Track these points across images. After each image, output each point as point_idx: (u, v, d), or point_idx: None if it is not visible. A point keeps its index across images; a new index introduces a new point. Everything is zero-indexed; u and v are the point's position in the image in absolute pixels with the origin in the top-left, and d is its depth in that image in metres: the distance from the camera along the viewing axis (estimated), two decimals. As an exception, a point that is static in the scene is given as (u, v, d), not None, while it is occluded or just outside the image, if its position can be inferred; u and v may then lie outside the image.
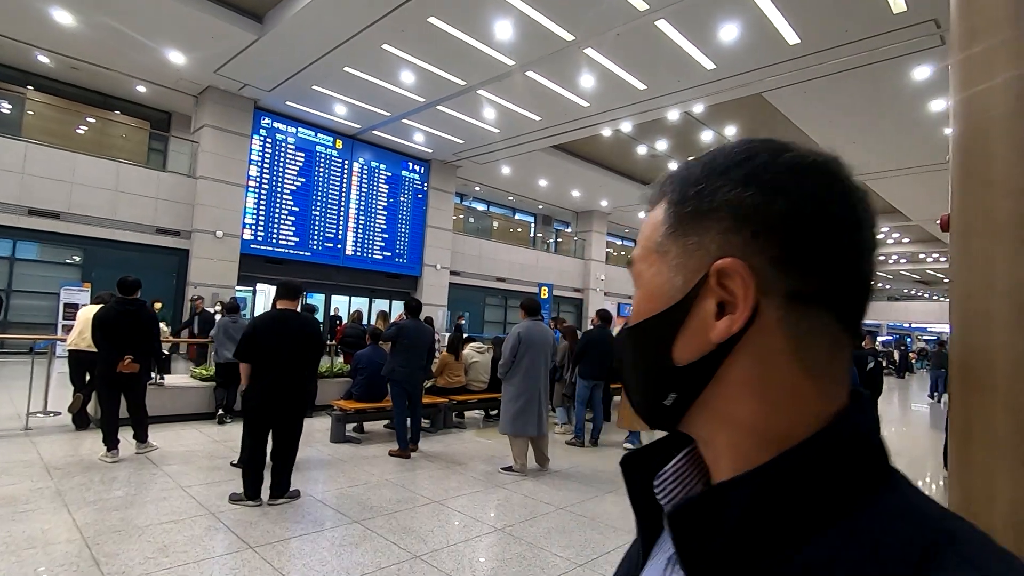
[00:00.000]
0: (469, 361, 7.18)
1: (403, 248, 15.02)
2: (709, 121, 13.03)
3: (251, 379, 3.87)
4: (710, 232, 0.39)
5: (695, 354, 0.39)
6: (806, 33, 8.17)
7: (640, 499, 0.47)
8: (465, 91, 10.88)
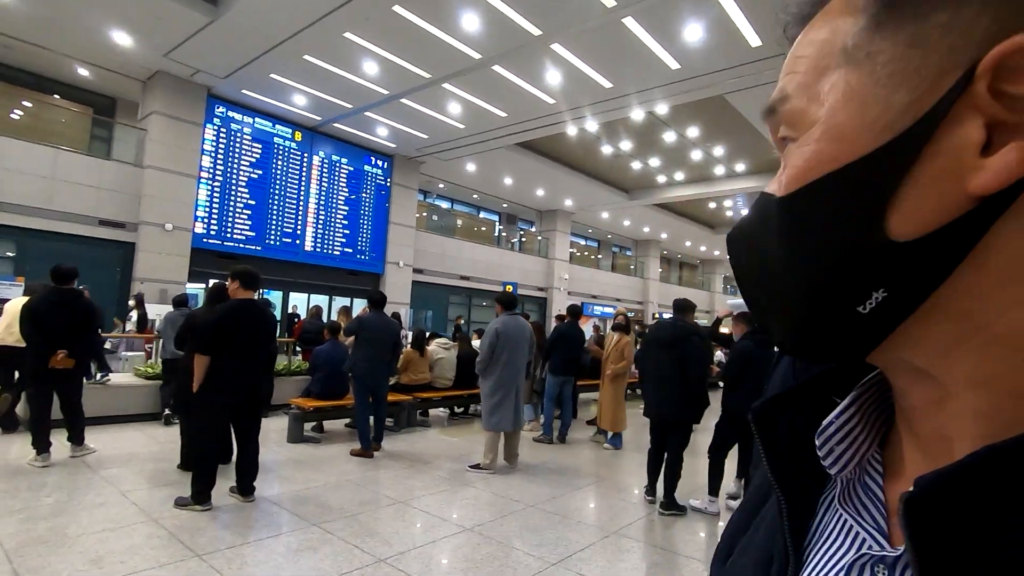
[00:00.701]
0: (434, 358, 7.00)
1: (365, 245, 14.64)
2: (672, 122, 13.21)
3: (211, 373, 3.59)
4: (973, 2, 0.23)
5: (934, 219, 0.24)
6: (768, 36, 8.33)
7: (783, 465, 0.34)
8: (430, 84, 10.66)
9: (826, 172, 0.27)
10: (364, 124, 13.04)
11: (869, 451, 0.33)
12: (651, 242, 25.72)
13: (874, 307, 0.26)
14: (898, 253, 0.25)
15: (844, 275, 0.27)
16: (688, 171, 16.70)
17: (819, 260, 0.27)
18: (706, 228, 23.69)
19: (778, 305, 0.30)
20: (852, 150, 0.26)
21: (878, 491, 0.31)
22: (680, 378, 4.08)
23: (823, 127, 0.27)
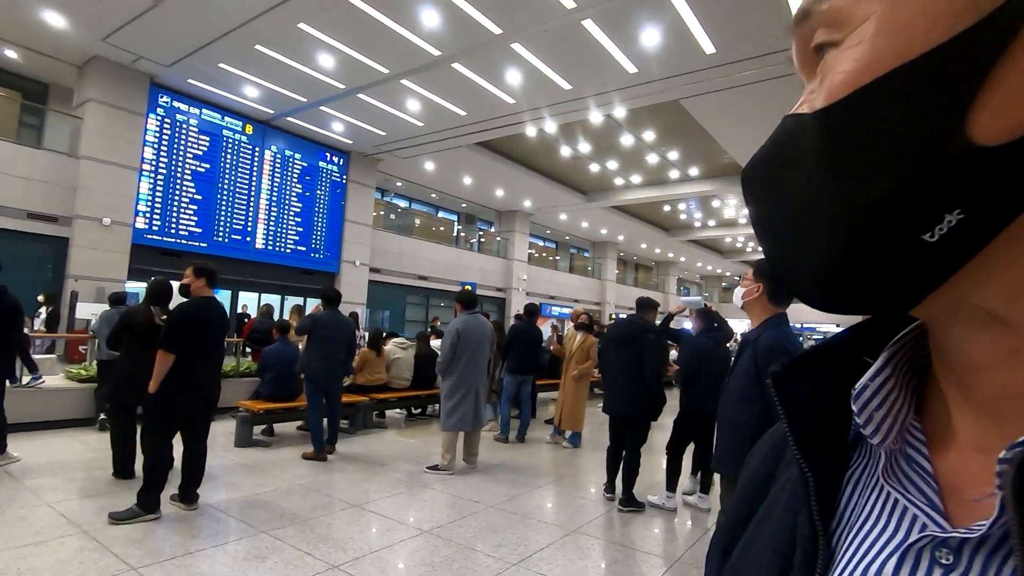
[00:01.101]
0: (391, 358, 6.85)
1: (319, 243, 14.24)
2: (629, 125, 13.43)
3: (174, 373, 3.37)
4: None
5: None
6: (721, 44, 8.56)
7: (809, 436, 0.30)
8: (388, 80, 10.46)
9: (887, 71, 0.22)
10: (319, 119, 12.69)
11: (908, 418, 0.29)
12: (608, 244, 26.09)
13: (945, 233, 0.21)
14: (983, 161, 0.20)
15: (911, 194, 0.22)
16: (644, 174, 17.03)
17: (877, 178, 0.22)
18: (661, 230, 24.21)
19: (815, 244, 0.25)
20: (922, 41, 0.21)
21: (924, 463, 0.27)
22: (637, 375, 4.11)
23: (879, 20, 0.23)
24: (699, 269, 35.19)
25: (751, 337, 2.27)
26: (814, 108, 0.25)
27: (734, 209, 20.96)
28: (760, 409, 2.14)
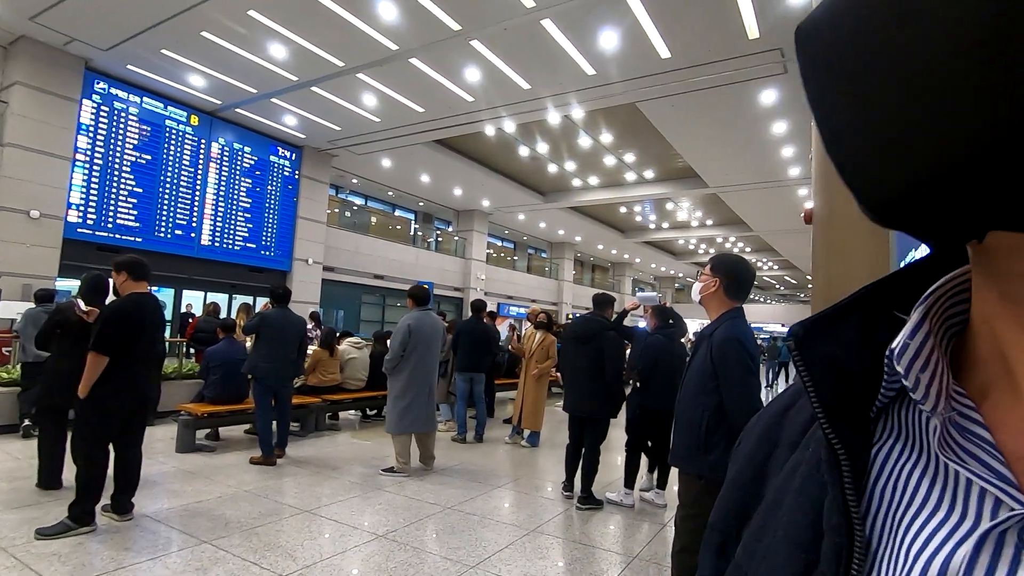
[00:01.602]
0: (346, 357, 6.66)
1: (270, 240, 13.75)
2: (587, 127, 13.56)
3: (107, 374, 3.13)
4: None
5: None
6: (676, 49, 8.74)
7: (836, 406, 0.26)
8: (343, 73, 10.19)
9: None
10: (270, 111, 12.25)
11: (949, 382, 0.25)
12: (565, 244, 26.33)
13: None
14: None
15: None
16: (601, 176, 17.25)
17: None
18: (617, 232, 24.60)
19: (933, 136, 0.19)
20: None
21: (983, 432, 0.23)
22: (597, 373, 4.12)
23: None
24: (653, 270, 35.99)
25: (707, 332, 2.29)
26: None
27: (687, 212, 21.52)
28: (716, 403, 2.15)
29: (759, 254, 29.13)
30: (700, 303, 2.39)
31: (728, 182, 15.39)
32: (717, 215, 21.12)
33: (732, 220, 20.66)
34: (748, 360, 2.13)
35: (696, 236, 24.65)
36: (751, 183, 15.20)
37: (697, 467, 2.15)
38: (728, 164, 13.93)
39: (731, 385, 2.11)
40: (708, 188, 16.05)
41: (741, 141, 12.36)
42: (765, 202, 17.14)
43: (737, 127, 11.61)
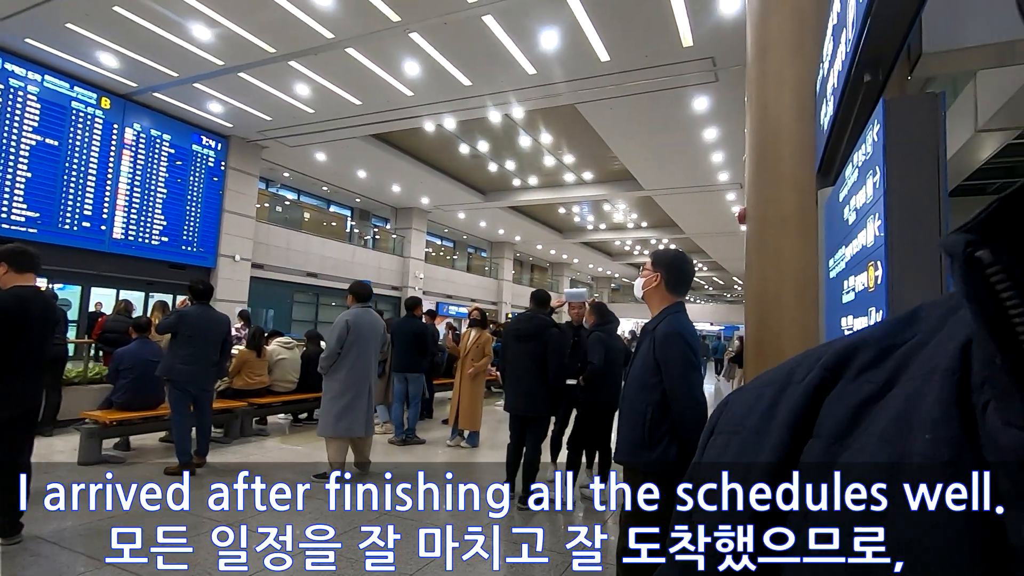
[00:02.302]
0: (275, 358, 6.31)
1: (192, 235, 12.89)
2: (527, 126, 13.61)
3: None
4: None
5: None
6: (615, 52, 8.91)
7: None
8: (275, 60, 9.69)
9: None
10: (193, 97, 11.48)
11: None
12: (505, 244, 26.40)
13: None
14: None
15: None
16: (541, 176, 17.39)
17: None
18: (556, 232, 24.92)
19: None
20: None
21: None
22: (539, 371, 4.09)
23: None
24: (591, 270, 36.76)
25: (650, 327, 2.29)
26: None
27: (623, 214, 22.10)
28: (659, 398, 2.15)
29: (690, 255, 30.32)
30: (643, 299, 2.39)
31: (662, 185, 15.90)
32: (651, 217, 21.81)
33: (665, 222, 21.39)
34: (690, 354, 2.15)
35: (631, 237, 25.36)
36: (683, 187, 15.78)
37: (642, 462, 2.14)
38: (662, 167, 14.39)
39: (673, 378, 2.11)
40: (643, 191, 16.52)
41: (675, 145, 12.79)
42: (696, 205, 17.87)
43: (671, 132, 12.00)
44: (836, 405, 0.29)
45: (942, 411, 0.23)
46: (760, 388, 0.35)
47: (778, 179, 3.23)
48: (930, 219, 1.39)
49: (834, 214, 2.45)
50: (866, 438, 0.26)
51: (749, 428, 0.33)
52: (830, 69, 2.50)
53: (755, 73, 3.71)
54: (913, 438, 0.24)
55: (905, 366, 0.27)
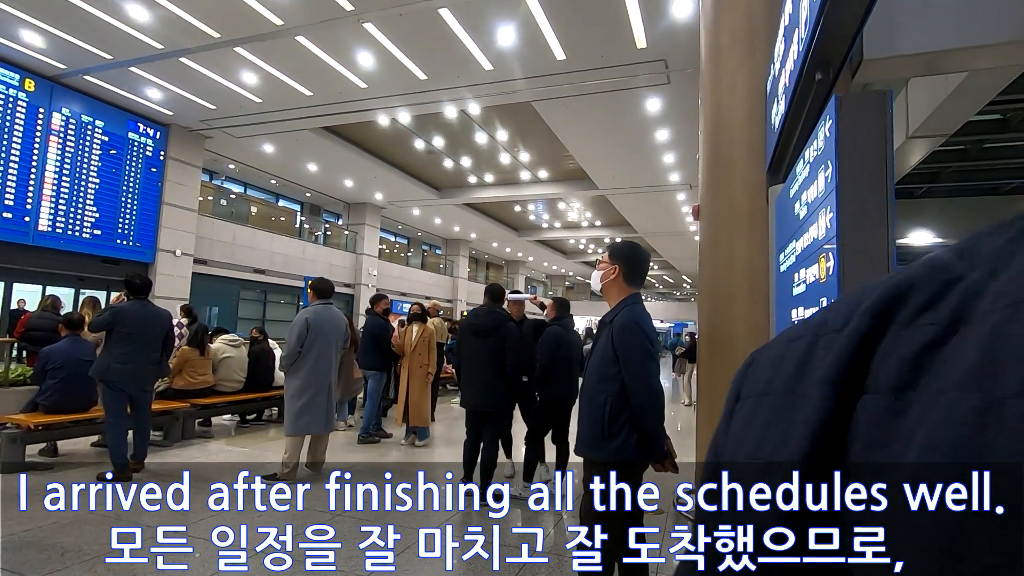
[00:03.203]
0: (220, 357, 6.03)
1: (128, 228, 12.16)
2: (483, 123, 13.55)
3: None
4: None
5: None
6: (571, 51, 8.98)
7: None
8: (219, 46, 9.26)
9: None
10: (129, 82, 10.82)
11: None
12: (461, 241, 26.25)
13: None
14: None
15: None
16: (497, 173, 17.36)
17: None
18: (511, 230, 24.96)
19: None
20: None
21: None
22: (498, 366, 4.06)
23: None
24: (545, 269, 37.06)
25: (607, 319, 2.31)
26: None
27: (577, 212, 22.36)
28: (618, 389, 2.17)
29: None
30: (600, 292, 2.40)
31: (615, 185, 16.17)
32: (605, 216, 22.16)
33: (619, 221, 21.78)
34: (647, 344, 2.17)
35: (586, 236, 25.71)
36: (636, 187, 16.10)
37: (602, 454, 2.15)
38: (616, 167, 14.63)
39: (631, 367, 2.13)
40: (597, 190, 16.75)
41: (628, 146, 13.03)
42: (648, 205, 18.28)
43: (625, 132, 12.21)
44: (891, 355, 0.26)
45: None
46: (786, 344, 0.32)
47: (731, 177, 3.32)
48: (879, 209, 1.45)
49: (785, 210, 2.53)
50: (939, 386, 0.23)
51: (778, 390, 0.30)
52: (781, 69, 2.59)
53: (708, 74, 3.80)
54: (1008, 377, 0.21)
55: (973, 301, 0.24)
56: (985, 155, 9.71)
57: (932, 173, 10.73)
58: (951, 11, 2.45)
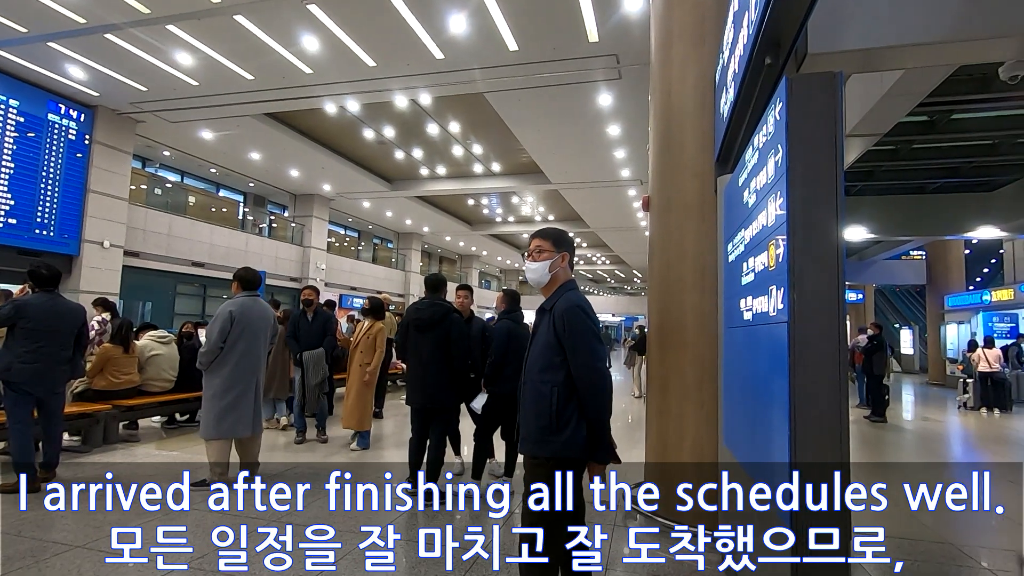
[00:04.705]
0: (147, 354, 5.62)
1: (49, 217, 11.26)
2: (435, 114, 13.29)
3: None
4: None
5: None
6: (523, 43, 8.88)
7: None
8: (149, 22, 8.64)
9: None
10: (47, 58, 9.98)
11: None
12: (413, 235, 25.81)
13: None
14: None
15: None
16: (449, 166, 17.11)
17: None
18: (464, 224, 24.73)
19: None
20: None
21: None
22: (444, 360, 3.92)
23: None
24: (499, 263, 37.01)
25: (547, 306, 2.19)
26: None
27: (531, 207, 22.37)
28: (563, 378, 2.05)
29: (594, 249, 31.44)
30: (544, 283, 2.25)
31: (568, 179, 16.23)
32: (558, 211, 22.26)
33: (571, 216, 21.91)
34: (592, 325, 2.09)
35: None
36: (588, 181, 16.21)
37: (550, 449, 2.05)
38: (568, 161, 14.68)
39: (579, 352, 2.03)
40: (550, 184, 16.77)
41: (580, 140, 13.07)
42: (599, 200, 18.46)
43: (577, 126, 12.23)
44: None
45: None
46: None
47: (681, 167, 3.29)
48: (830, 193, 1.41)
49: (733, 199, 2.51)
50: None
51: None
52: (731, 56, 2.56)
53: (659, 64, 3.77)
54: None
55: None
56: (913, 155, 10.25)
57: (866, 172, 11.26)
58: (890, 10, 2.49)
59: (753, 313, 2.03)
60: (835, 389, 1.44)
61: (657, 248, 3.41)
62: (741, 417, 2.36)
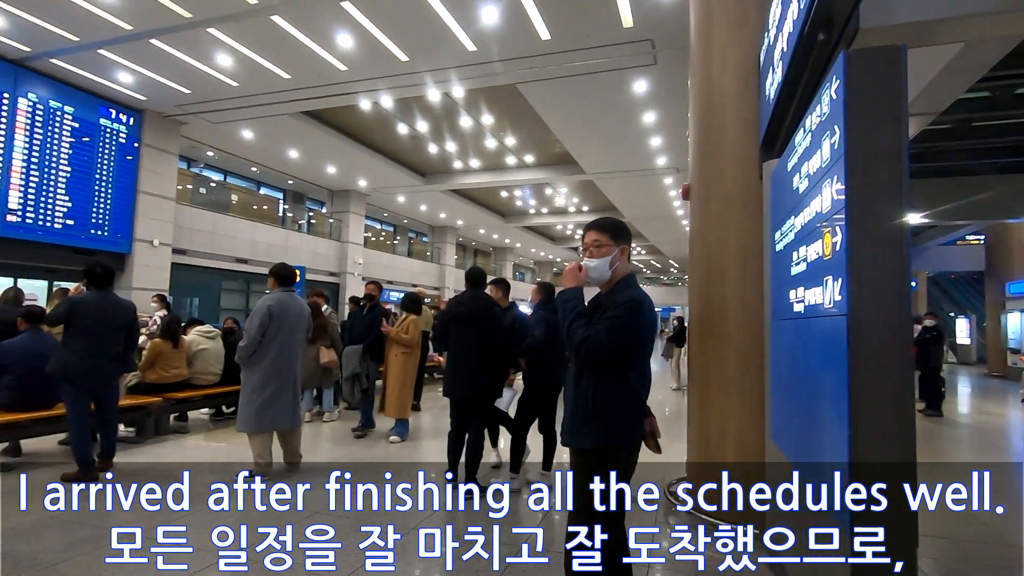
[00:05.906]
0: (194, 349, 5.82)
1: (103, 217, 11.79)
2: (468, 107, 13.27)
3: None
4: None
5: None
6: (556, 31, 8.73)
7: None
8: (191, 26, 8.89)
9: None
10: (98, 65, 10.40)
11: None
12: (447, 228, 25.96)
13: None
14: None
15: None
16: (482, 159, 17.09)
17: None
18: (498, 216, 24.71)
19: None
20: None
21: None
22: (483, 353, 3.90)
23: None
24: (533, 255, 36.88)
25: (603, 299, 2.08)
26: None
27: (564, 198, 22.15)
28: (607, 370, 1.98)
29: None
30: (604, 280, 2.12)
31: (602, 169, 15.98)
32: (592, 201, 21.98)
33: (606, 206, 21.61)
34: (643, 330, 1.97)
35: (573, 221, 25.52)
36: (623, 170, 15.92)
37: (589, 441, 1.99)
38: (603, 151, 14.43)
39: (609, 327, 1.91)
40: (584, 174, 16.55)
41: (614, 129, 12.82)
42: (635, 190, 18.11)
43: (611, 115, 12.00)
44: None
45: None
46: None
47: (722, 154, 3.16)
48: (894, 175, 1.31)
49: (781, 185, 2.38)
50: None
51: None
52: (778, 34, 2.43)
53: (698, 48, 3.63)
54: None
55: None
56: (972, 134, 9.66)
57: (918, 154, 10.67)
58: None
59: (805, 305, 1.92)
60: (901, 387, 1.34)
61: (698, 237, 3.29)
62: (791, 413, 2.25)
